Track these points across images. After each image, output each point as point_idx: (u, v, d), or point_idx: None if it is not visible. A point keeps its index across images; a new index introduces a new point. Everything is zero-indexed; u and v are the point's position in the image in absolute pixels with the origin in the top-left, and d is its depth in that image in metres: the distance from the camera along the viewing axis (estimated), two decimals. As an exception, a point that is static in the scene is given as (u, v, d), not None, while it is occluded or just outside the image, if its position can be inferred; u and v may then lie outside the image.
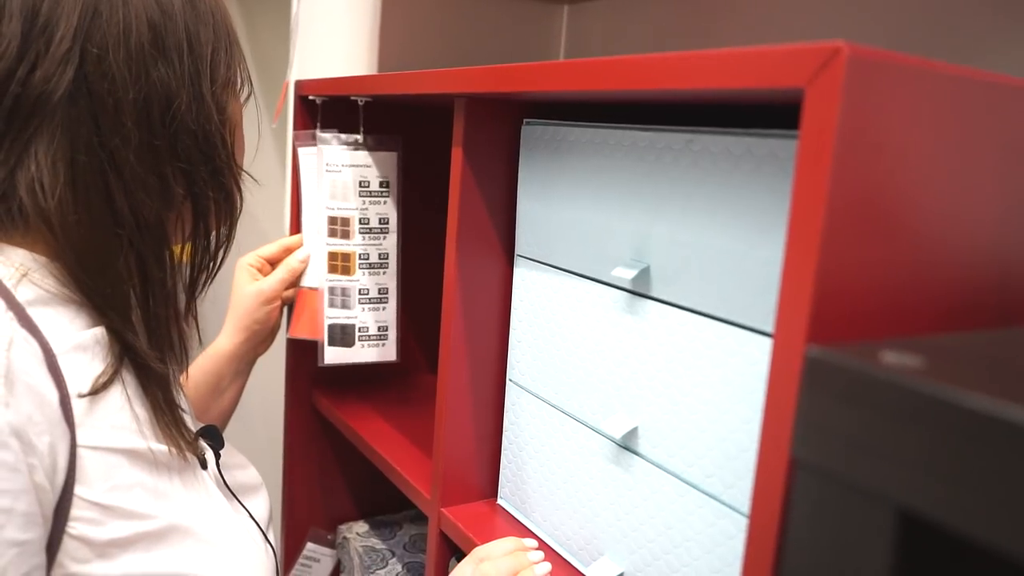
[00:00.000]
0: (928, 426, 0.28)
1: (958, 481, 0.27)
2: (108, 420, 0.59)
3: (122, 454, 0.59)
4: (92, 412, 0.58)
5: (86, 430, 0.57)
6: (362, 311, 0.99)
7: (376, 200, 0.98)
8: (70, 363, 0.57)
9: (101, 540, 0.57)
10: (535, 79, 0.60)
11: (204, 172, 0.65)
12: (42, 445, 0.53)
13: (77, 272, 0.60)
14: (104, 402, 0.59)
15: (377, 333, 1.00)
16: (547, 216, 0.71)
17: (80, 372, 0.58)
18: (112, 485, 0.58)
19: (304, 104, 1.05)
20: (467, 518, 0.78)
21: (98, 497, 0.57)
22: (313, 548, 1.19)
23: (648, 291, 0.59)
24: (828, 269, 0.38)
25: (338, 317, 0.99)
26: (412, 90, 0.77)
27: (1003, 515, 0.26)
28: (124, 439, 0.59)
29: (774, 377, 0.40)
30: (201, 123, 0.63)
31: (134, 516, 0.58)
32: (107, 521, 0.57)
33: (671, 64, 0.47)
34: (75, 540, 0.56)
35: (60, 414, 0.55)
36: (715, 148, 0.53)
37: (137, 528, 0.58)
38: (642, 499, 0.61)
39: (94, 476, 0.57)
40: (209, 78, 0.64)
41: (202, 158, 0.64)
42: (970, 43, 0.76)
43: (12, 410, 0.52)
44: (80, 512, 0.56)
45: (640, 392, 0.61)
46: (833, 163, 0.37)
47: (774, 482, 0.40)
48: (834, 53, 0.37)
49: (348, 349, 0.99)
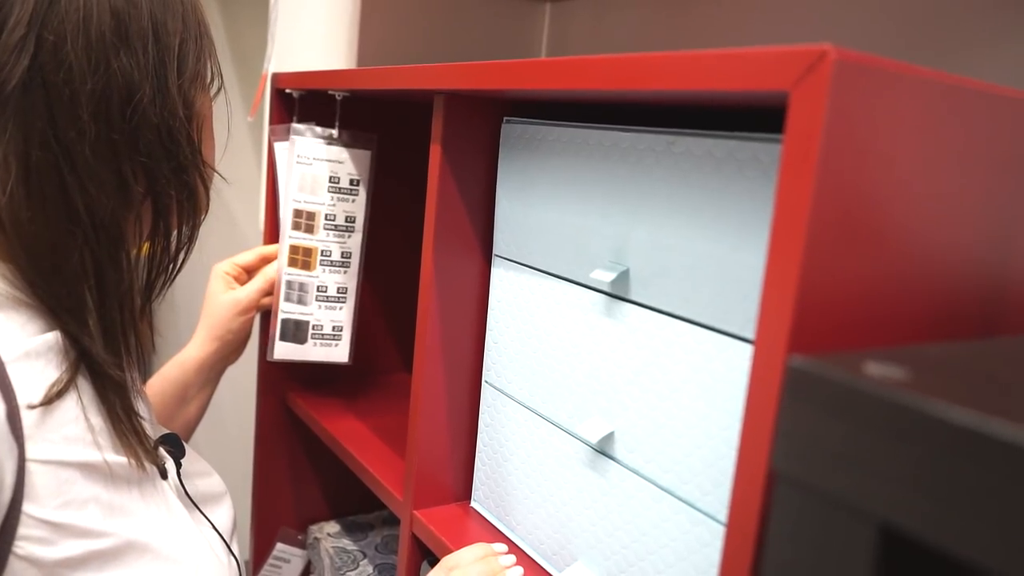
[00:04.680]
0: (911, 440, 0.27)
1: (941, 496, 0.26)
2: (61, 432, 0.56)
3: (75, 468, 0.56)
4: (44, 424, 0.55)
5: (36, 443, 0.54)
6: (318, 308, 0.97)
7: (345, 197, 0.96)
8: (20, 372, 0.55)
9: (51, 560, 0.54)
10: (517, 77, 0.59)
11: (166, 169, 0.62)
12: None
13: (30, 273, 0.57)
14: (57, 413, 0.56)
15: (331, 333, 0.98)
16: (526, 216, 0.70)
17: (31, 381, 0.55)
18: (64, 501, 0.55)
19: (281, 98, 1.03)
20: (440, 521, 0.77)
21: (48, 515, 0.54)
22: (283, 548, 1.17)
23: (627, 294, 0.59)
24: (811, 276, 0.38)
25: (292, 312, 0.96)
26: (391, 85, 0.76)
27: (986, 531, 0.25)
28: (78, 452, 0.56)
29: (754, 385, 0.39)
30: (165, 117, 0.60)
31: (88, 534, 0.56)
32: (58, 540, 0.54)
33: (655, 64, 0.46)
34: (22, 560, 0.53)
35: (7, 428, 0.52)
36: (697, 150, 0.52)
37: (90, 546, 0.56)
38: (617, 504, 0.60)
39: (44, 492, 0.54)
40: (176, 70, 0.61)
41: (165, 154, 0.61)
42: (958, 50, 0.76)
43: None
44: (28, 531, 0.53)
45: (617, 396, 0.60)
46: (818, 168, 0.36)
47: (752, 492, 0.39)
48: (820, 56, 0.36)
49: (299, 346, 0.97)
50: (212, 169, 0.68)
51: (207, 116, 0.69)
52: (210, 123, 0.70)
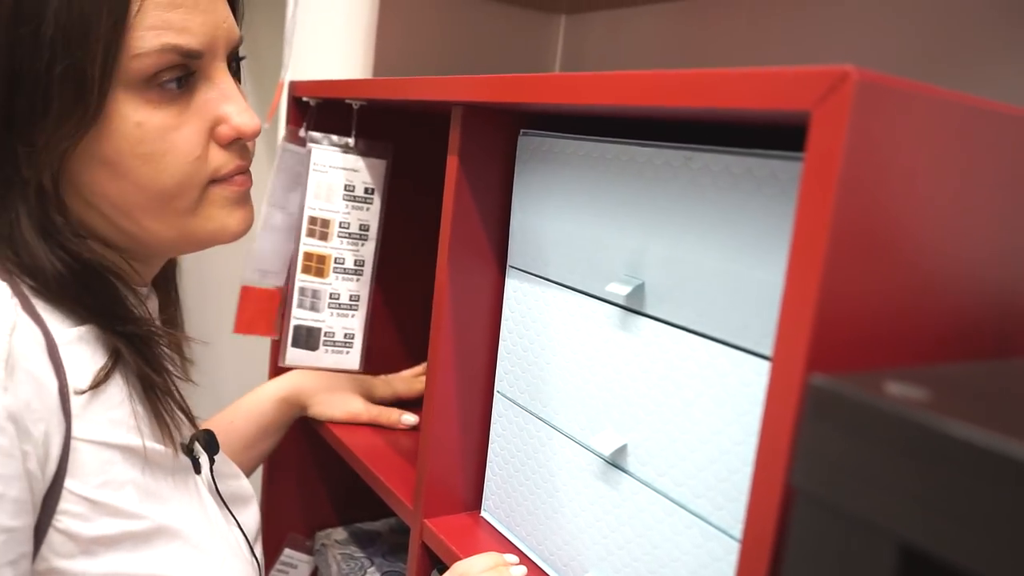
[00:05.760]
0: (932, 460, 0.27)
1: (961, 516, 0.27)
2: (106, 414, 0.58)
3: (117, 450, 0.58)
4: (91, 405, 0.57)
5: (83, 422, 0.56)
6: (330, 316, 0.98)
7: (360, 206, 0.97)
8: (71, 354, 0.56)
9: (87, 536, 0.56)
10: (537, 91, 0.59)
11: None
12: (37, 433, 0.53)
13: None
14: (104, 395, 0.58)
15: (343, 340, 0.99)
16: (541, 228, 0.70)
17: (81, 364, 0.57)
18: (104, 481, 0.56)
19: (297, 105, 1.04)
20: (450, 530, 0.77)
21: (88, 492, 0.56)
22: (291, 554, 1.17)
23: (642, 308, 0.59)
24: (829, 294, 0.38)
25: (305, 319, 0.97)
26: (410, 96, 0.77)
27: (1006, 551, 0.25)
28: (120, 435, 0.58)
29: (771, 402, 0.39)
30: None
31: (123, 514, 0.57)
32: (95, 517, 0.56)
33: (677, 81, 0.46)
34: (60, 534, 0.55)
35: (58, 403, 0.54)
36: (715, 167, 0.53)
37: (125, 527, 0.57)
38: (629, 517, 0.61)
39: (86, 470, 0.56)
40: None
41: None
42: (970, 69, 0.76)
43: (11, 395, 0.51)
44: (68, 506, 0.55)
45: (630, 409, 0.60)
46: (838, 187, 0.37)
47: (768, 508, 0.39)
48: (843, 77, 0.36)
49: (311, 353, 0.98)
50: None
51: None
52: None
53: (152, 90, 0.57)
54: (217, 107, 0.61)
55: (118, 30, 0.54)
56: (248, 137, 0.63)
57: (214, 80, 0.62)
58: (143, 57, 0.56)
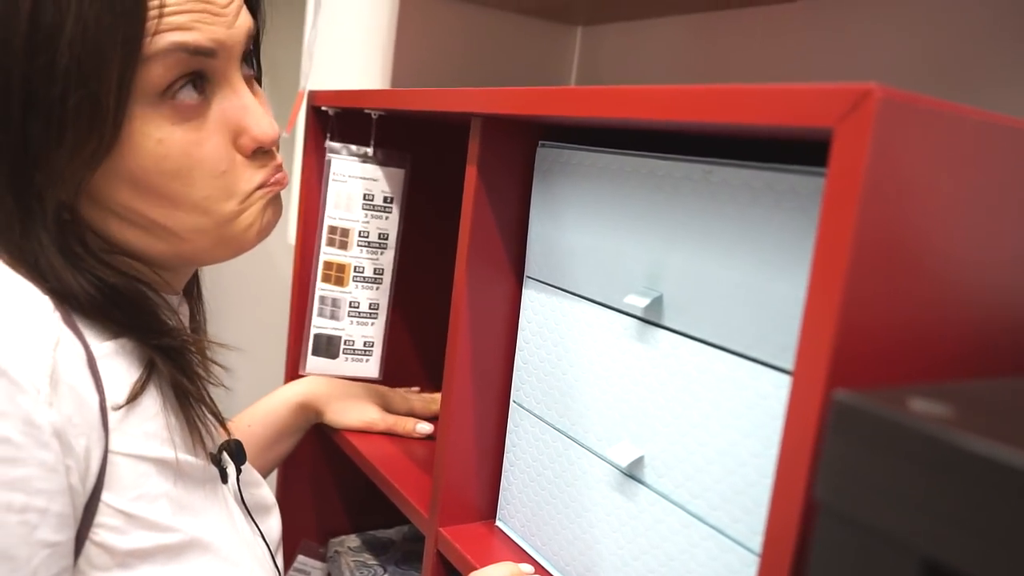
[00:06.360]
0: (957, 477, 0.27)
1: (985, 532, 0.27)
2: (141, 427, 0.58)
3: (152, 463, 0.58)
4: (127, 418, 0.57)
5: (119, 436, 0.56)
6: (350, 324, 0.98)
7: (379, 215, 0.98)
8: (108, 367, 0.57)
9: (123, 549, 0.56)
10: (559, 104, 0.60)
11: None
12: (79, 447, 0.53)
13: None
14: (139, 408, 0.58)
15: (362, 348, 1.00)
16: (559, 239, 0.70)
17: (118, 377, 0.58)
18: (139, 494, 0.57)
19: (316, 114, 1.05)
20: (465, 539, 0.78)
21: (124, 505, 0.56)
22: (304, 561, 1.18)
23: (660, 320, 0.59)
24: (851, 309, 0.38)
25: (325, 327, 0.98)
26: (430, 107, 0.77)
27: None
28: (155, 448, 0.59)
29: (792, 416, 0.40)
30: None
31: (157, 527, 0.58)
32: (130, 530, 0.56)
33: (699, 96, 0.47)
34: (97, 547, 0.55)
35: (99, 418, 0.55)
36: (735, 181, 0.53)
37: (159, 540, 0.58)
38: (645, 528, 0.61)
39: (123, 483, 0.56)
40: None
41: None
42: (987, 88, 0.76)
43: (55, 410, 0.51)
44: (105, 519, 0.55)
45: (648, 421, 0.60)
46: (860, 203, 0.37)
47: (788, 522, 0.39)
48: (865, 95, 0.37)
49: (331, 361, 0.98)
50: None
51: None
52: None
53: (167, 105, 0.57)
54: (236, 117, 0.61)
55: (132, 55, 0.54)
56: (268, 147, 0.63)
57: (231, 83, 0.61)
58: (154, 65, 0.55)
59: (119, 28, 0.53)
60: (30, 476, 0.50)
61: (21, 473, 0.50)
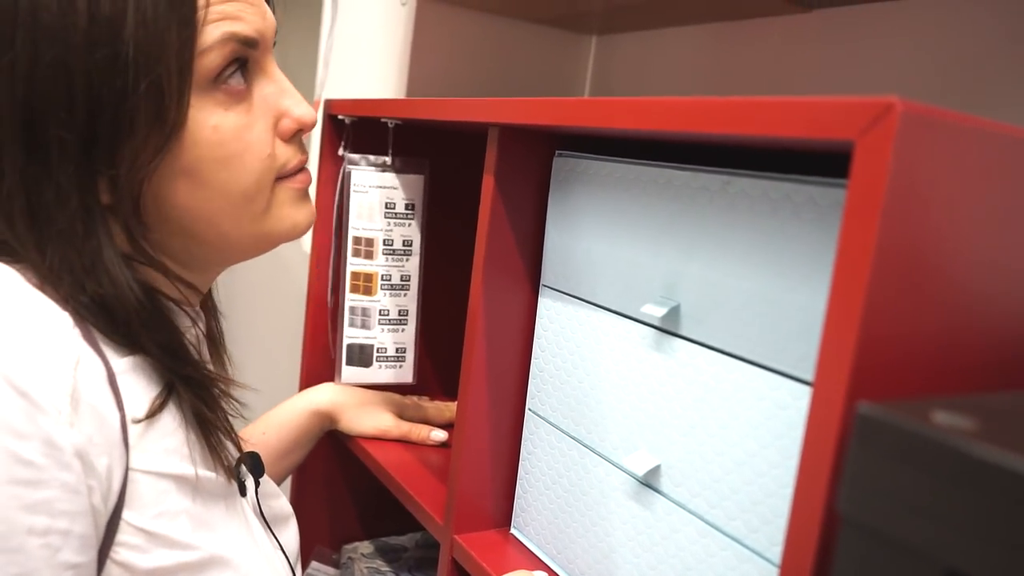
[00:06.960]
0: (979, 488, 0.28)
1: (1009, 545, 0.27)
2: (161, 443, 0.58)
3: (171, 479, 0.58)
4: (146, 434, 0.57)
5: (140, 453, 0.56)
6: (381, 332, 0.99)
7: (401, 222, 0.99)
8: (127, 383, 0.57)
9: (144, 568, 0.55)
10: (576, 114, 0.60)
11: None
12: (101, 467, 0.53)
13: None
14: (158, 424, 0.58)
15: (395, 355, 1.00)
16: (575, 248, 0.71)
17: (136, 393, 0.57)
18: (159, 511, 0.57)
19: (333, 123, 1.06)
20: (480, 546, 0.78)
21: (145, 523, 0.56)
22: (317, 567, 1.18)
23: (677, 330, 0.59)
24: (871, 320, 0.38)
25: (357, 337, 0.99)
26: (447, 117, 0.78)
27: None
28: (174, 464, 0.58)
29: (812, 427, 0.40)
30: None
31: (177, 545, 0.57)
32: (151, 549, 0.56)
33: (720, 108, 0.47)
34: (118, 566, 0.55)
35: (120, 436, 0.54)
36: (753, 191, 0.53)
37: (180, 558, 0.57)
38: (662, 537, 0.61)
39: (143, 501, 0.56)
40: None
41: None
42: (1004, 101, 0.76)
43: (76, 430, 0.51)
44: (126, 537, 0.55)
45: (664, 430, 0.60)
46: (882, 215, 0.37)
47: (808, 533, 0.40)
48: (887, 108, 0.37)
49: (365, 369, 0.99)
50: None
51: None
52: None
53: (219, 91, 0.59)
54: (277, 101, 0.63)
55: (190, 40, 0.56)
56: (308, 128, 0.65)
57: (268, 72, 0.63)
58: (208, 53, 0.57)
59: (174, 15, 0.55)
60: (52, 498, 0.50)
61: (43, 495, 0.49)
